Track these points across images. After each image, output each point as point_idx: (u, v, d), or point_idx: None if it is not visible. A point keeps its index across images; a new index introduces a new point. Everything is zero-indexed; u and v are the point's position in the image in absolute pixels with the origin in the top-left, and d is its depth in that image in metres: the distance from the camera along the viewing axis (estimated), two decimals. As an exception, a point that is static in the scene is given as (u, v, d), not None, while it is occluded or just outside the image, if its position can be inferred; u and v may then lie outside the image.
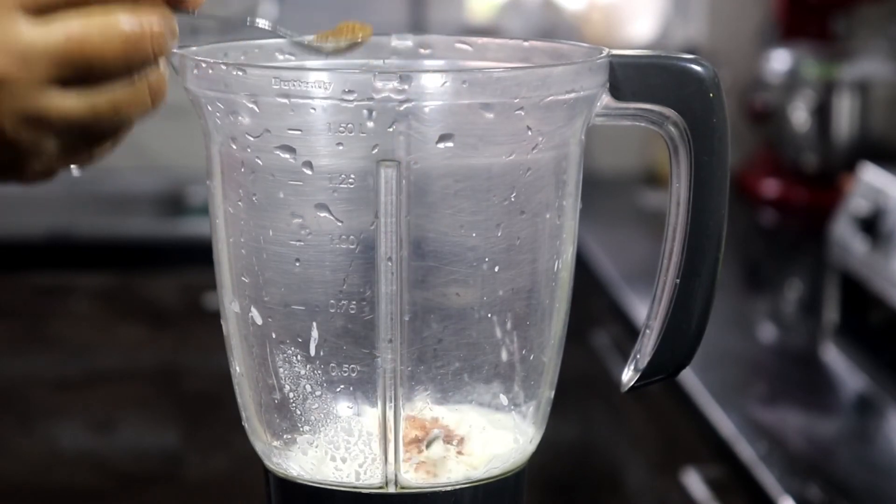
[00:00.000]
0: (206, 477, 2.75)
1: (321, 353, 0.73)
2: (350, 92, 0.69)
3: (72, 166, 0.69)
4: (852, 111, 2.70)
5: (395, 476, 0.74)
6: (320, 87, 0.69)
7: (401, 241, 0.72)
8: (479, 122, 0.71)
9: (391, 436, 0.74)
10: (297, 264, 0.73)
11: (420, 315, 0.73)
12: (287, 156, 0.71)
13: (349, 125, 0.70)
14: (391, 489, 0.74)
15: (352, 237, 0.72)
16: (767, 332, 2.14)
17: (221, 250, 0.76)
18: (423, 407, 0.74)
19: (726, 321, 2.06)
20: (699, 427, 1.75)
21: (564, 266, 0.77)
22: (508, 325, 0.75)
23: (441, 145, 0.71)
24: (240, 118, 0.72)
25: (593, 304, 2.37)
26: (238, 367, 0.77)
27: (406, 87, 0.69)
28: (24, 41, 0.64)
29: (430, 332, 0.73)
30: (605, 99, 0.76)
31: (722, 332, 2.01)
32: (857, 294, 2.07)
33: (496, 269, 0.73)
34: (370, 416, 0.74)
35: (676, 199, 0.77)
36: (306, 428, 0.75)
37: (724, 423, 1.67)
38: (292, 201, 0.72)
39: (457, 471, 0.74)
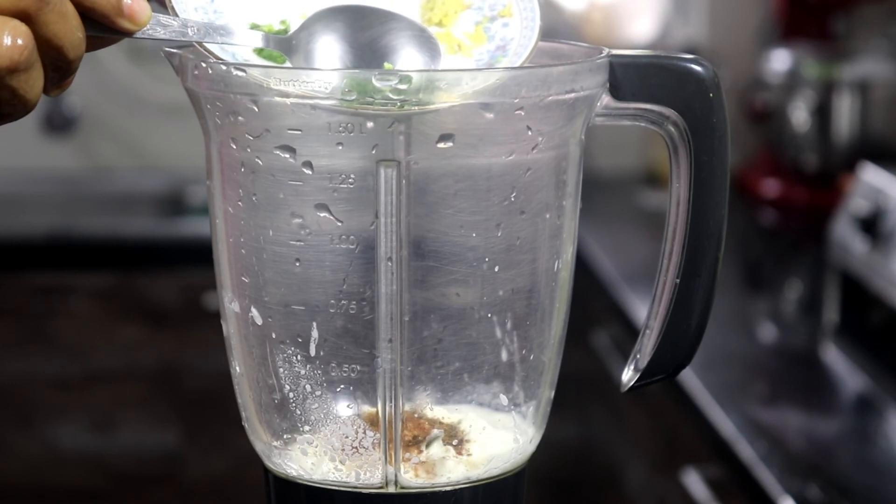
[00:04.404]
0: (206, 477, 2.75)
1: (321, 353, 0.73)
2: (350, 92, 0.69)
3: None
4: (852, 111, 2.70)
5: (395, 476, 0.74)
6: (320, 87, 0.69)
7: (401, 241, 0.72)
8: (479, 122, 0.71)
9: (391, 436, 0.74)
10: (297, 264, 0.73)
11: (420, 315, 0.73)
12: (287, 156, 0.71)
13: (349, 125, 0.70)
14: (391, 489, 0.74)
15: (352, 237, 0.72)
16: (767, 332, 2.14)
17: (221, 250, 0.76)
18: (423, 407, 0.74)
19: (726, 321, 2.06)
20: (699, 427, 1.75)
21: (564, 266, 0.77)
22: (508, 325, 0.75)
23: (441, 145, 0.71)
24: (240, 118, 0.72)
25: (593, 304, 2.37)
26: (238, 367, 0.77)
27: (406, 87, 0.69)
28: None
29: (430, 332, 0.73)
30: (605, 99, 0.75)
31: (722, 332, 2.01)
32: (857, 294, 2.07)
33: (496, 269, 0.73)
34: (370, 416, 0.74)
35: (676, 199, 0.77)
36: (306, 428, 0.75)
37: (724, 423, 1.67)
38: (292, 201, 0.72)
39: (457, 471, 0.74)
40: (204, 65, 0.72)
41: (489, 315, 0.74)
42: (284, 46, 0.73)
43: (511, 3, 0.77)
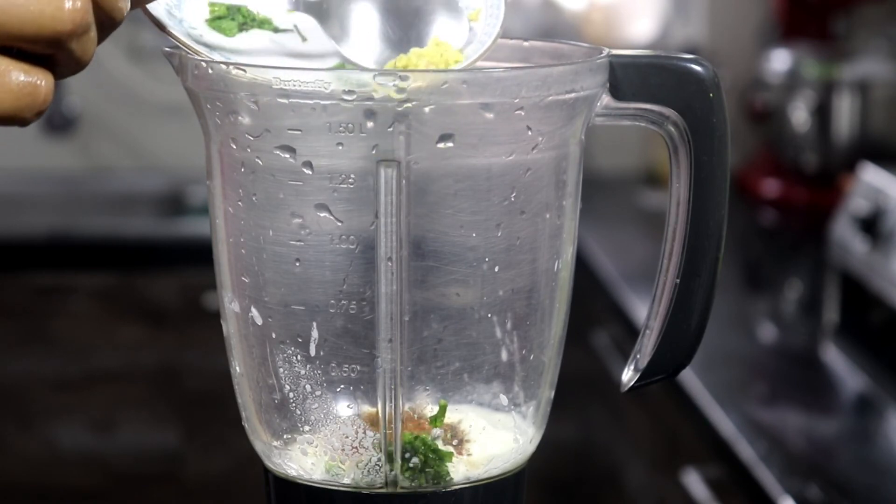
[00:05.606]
0: (206, 477, 2.75)
1: (321, 353, 0.73)
2: (350, 92, 0.69)
3: None
4: (852, 111, 2.70)
5: (395, 476, 0.74)
6: (320, 87, 0.69)
7: (401, 241, 0.72)
8: (479, 122, 0.71)
9: (391, 436, 0.74)
10: (297, 264, 0.73)
11: (420, 315, 0.73)
12: (287, 156, 0.71)
13: (349, 125, 0.70)
14: (391, 489, 0.74)
15: (352, 237, 0.72)
16: (767, 332, 2.14)
17: (221, 250, 0.76)
18: (423, 407, 0.74)
19: (726, 321, 2.06)
20: (699, 427, 1.75)
21: (564, 266, 0.77)
22: (508, 325, 0.75)
23: (441, 145, 0.71)
24: (240, 118, 0.72)
25: (593, 304, 2.37)
26: (238, 367, 0.77)
27: (406, 86, 0.69)
28: None
29: (430, 332, 0.73)
30: (605, 99, 0.75)
31: (722, 332, 2.01)
32: (857, 294, 2.07)
33: (496, 269, 0.73)
34: (370, 416, 0.74)
35: (676, 199, 0.77)
36: (306, 428, 0.75)
37: (724, 423, 1.67)
38: (292, 201, 0.72)
39: (457, 471, 0.74)
40: (204, 65, 0.72)
41: (489, 315, 0.74)
42: (316, 11, 0.73)
43: (480, 8, 0.77)
